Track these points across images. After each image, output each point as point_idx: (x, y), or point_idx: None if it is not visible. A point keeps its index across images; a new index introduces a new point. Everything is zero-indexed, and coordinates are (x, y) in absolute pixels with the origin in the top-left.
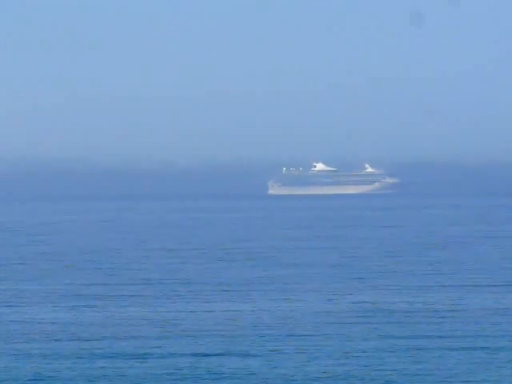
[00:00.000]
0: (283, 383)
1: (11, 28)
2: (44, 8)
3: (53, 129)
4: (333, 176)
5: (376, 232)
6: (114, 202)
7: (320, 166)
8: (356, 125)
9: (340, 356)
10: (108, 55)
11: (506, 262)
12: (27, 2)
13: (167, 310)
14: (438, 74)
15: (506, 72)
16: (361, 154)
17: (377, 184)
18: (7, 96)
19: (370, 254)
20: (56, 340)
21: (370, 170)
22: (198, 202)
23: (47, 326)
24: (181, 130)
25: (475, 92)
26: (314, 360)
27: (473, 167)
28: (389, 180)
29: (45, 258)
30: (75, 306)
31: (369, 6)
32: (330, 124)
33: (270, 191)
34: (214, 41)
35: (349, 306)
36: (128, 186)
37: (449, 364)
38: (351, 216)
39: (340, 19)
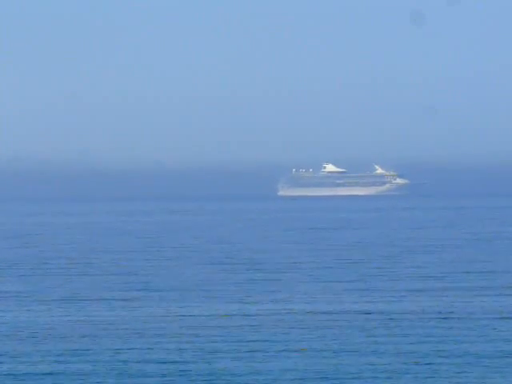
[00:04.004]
0: None
1: (11, 30)
2: (43, 10)
3: (48, 130)
4: (343, 177)
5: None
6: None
7: (330, 168)
8: (365, 126)
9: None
10: (105, 58)
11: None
12: (27, 3)
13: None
14: (439, 73)
15: (506, 71)
16: (370, 155)
17: (387, 185)
18: (5, 97)
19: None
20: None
21: (380, 171)
22: (212, 204)
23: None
24: (187, 131)
25: (477, 92)
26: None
27: (482, 168)
28: (399, 181)
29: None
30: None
31: (369, 5)
32: (339, 125)
33: (280, 192)
34: (216, 42)
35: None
36: (138, 187)
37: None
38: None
39: (341, 19)
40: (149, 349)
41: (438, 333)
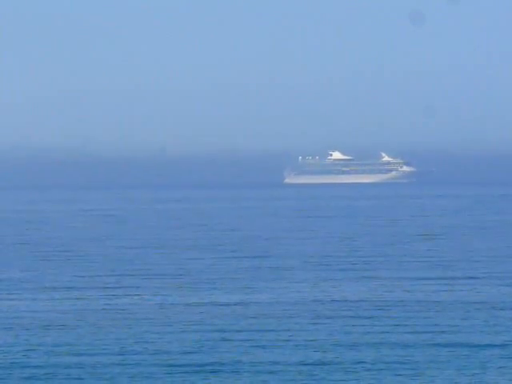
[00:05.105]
0: None
1: (8, 23)
2: (39, 5)
3: (46, 119)
4: (349, 165)
5: None
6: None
7: (336, 155)
8: (371, 114)
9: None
10: (107, 47)
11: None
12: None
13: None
14: (438, 71)
15: (506, 69)
16: (377, 142)
17: (393, 173)
18: (6, 85)
19: None
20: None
21: (386, 158)
22: (217, 192)
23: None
24: (191, 119)
25: (477, 87)
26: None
27: (489, 156)
28: (405, 169)
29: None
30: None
31: (369, 5)
32: (345, 113)
33: (287, 180)
34: (221, 30)
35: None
36: (141, 175)
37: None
38: None
39: (341, 19)
40: (150, 338)
41: (439, 322)
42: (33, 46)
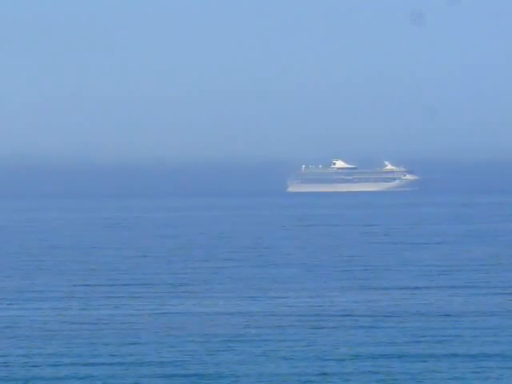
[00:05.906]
0: None
1: (17, 27)
2: (48, 9)
3: (49, 126)
4: (353, 173)
5: None
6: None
7: (339, 164)
8: (370, 114)
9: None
10: (106, 56)
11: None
12: (32, 2)
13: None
14: (438, 72)
15: (506, 69)
16: (379, 145)
17: (397, 181)
18: (7, 93)
19: None
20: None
21: (389, 167)
22: (218, 200)
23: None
24: (192, 127)
25: (477, 88)
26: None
27: (495, 161)
28: (409, 177)
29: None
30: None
31: (369, 5)
32: (345, 113)
33: (290, 188)
34: (220, 37)
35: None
36: (140, 183)
37: None
38: None
39: (341, 19)
40: (150, 347)
41: (439, 331)
42: (35, 55)
